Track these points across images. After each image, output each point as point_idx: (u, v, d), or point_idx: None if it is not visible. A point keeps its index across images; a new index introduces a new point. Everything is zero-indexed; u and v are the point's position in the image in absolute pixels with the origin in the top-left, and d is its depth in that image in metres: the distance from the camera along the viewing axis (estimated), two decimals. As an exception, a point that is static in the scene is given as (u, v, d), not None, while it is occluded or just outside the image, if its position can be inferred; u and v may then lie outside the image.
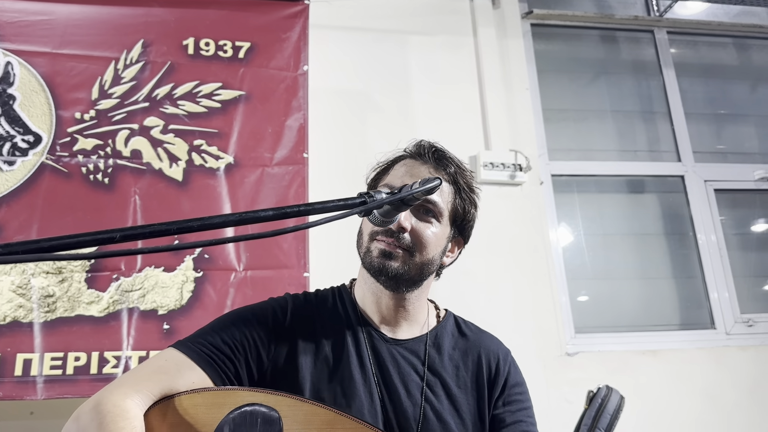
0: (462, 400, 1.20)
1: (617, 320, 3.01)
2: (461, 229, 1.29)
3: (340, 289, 1.31)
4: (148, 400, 1.00)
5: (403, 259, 1.15)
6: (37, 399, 2.13)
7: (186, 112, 2.50)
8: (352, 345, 1.19)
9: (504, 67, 3.11)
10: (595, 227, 3.18)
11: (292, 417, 1.00)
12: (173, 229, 0.57)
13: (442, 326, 1.29)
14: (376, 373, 1.17)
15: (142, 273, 2.31)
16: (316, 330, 1.20)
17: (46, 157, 2.36)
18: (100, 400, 0.98)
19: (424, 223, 1.17)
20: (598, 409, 1.67)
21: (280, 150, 2.53)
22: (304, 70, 2.63)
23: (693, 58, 3.58)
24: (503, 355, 1.29)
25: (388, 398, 1.16)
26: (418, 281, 1.20)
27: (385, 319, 1.23)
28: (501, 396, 1.23)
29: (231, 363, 1.10)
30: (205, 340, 1.11)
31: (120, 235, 0.55)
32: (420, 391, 1.18)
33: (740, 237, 3.27)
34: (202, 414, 1.00)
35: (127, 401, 0.98)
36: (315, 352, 1.17)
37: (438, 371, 1.21)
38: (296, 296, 1.26)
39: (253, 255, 2.41)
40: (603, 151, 3.31)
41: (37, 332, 2.18)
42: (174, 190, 2.42)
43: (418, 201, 0.96)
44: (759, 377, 2.84)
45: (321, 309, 1.24)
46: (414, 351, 1.22)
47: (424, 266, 1.18)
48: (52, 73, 2.44)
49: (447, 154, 1.27)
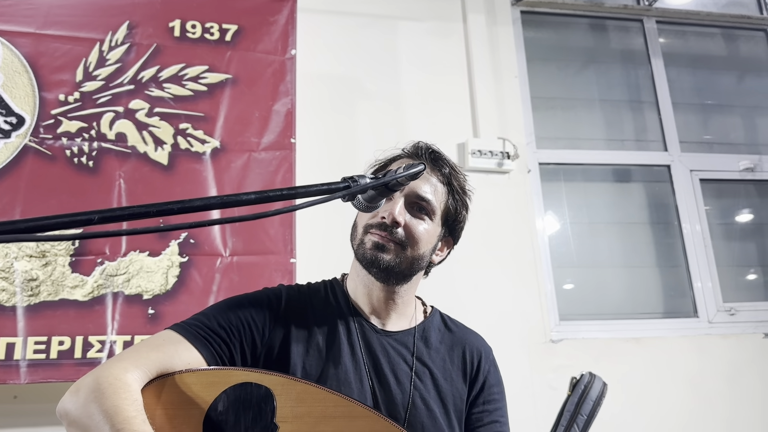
0: (447, 391, 1.25)
1: (602, 308, 3.03)
2: (452, 230, 1.33)
3: (332, 282, 1.35)
4: (146, 377, 1.02)
5: (395, 252, 1.20)
6: (21, 383, 2.12)
7: (172, 96, 2.47)
8: (344, 334, 1.23)
9: (493, 54, 3.10)
10: (581, 216, 3.20)
11: (285, 395, 1.03)
12: (153, 212, 0.56)
13: (429, 321, 1.34)
14: (367, 361, 1.22)
15: (126, 257, 2.30)
16: (309, 319, 1.24)
17: (29, 139, 2.32)
18: (100, 374, 0.99)
19: (417, 219, 1.22)
20: (581, 395, 1.68)
21: (267, 135, 2.51)
22: (291, 54, 2.61)
23: (681, 48, 3.59)
24: (486, 354, 1.34)
25: (379, 386, 1.20)
26: (408, 275, 1.24)
27: (376, 311, 1.27)
28: (481, 394, 1.28)
29: (226, 346, 1.13)
30: (201, 322, 1.14)
31: (98, 216, 0.54)
32: (409, 380, 1.22)
33: (724, 227, 3.30)
34: (197, 392, 1.02)
35: (127, 375, 0.99)
36: (307, 339, 1.21)
37: (426, 362, 1.26)
38: (290, 287, 1.29)
39: (240, 241, 2.40)
40: (590, 140, 3.32)
41: (20, 316, 2.17)
42: (159, 174, 2.40)
43: (403, 186, 0.97)
44: (740, 365, 2.87)
45: (314, 299, 1.28)
46: (403, 342, 1.27)
47: (414, 261, 1.23)
48: (36, 54, 2.40)
49: (443, 156, 1.32)
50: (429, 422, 1.19)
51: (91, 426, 0.94)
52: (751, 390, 2.84)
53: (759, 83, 3.61)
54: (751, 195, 3.39)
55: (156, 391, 1.02)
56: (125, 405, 0.93)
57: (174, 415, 1.01)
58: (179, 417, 1.01)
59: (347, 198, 0.80)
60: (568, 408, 1.65)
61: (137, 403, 0.96)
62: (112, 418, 0.91)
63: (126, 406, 0.93)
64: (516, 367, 2.66)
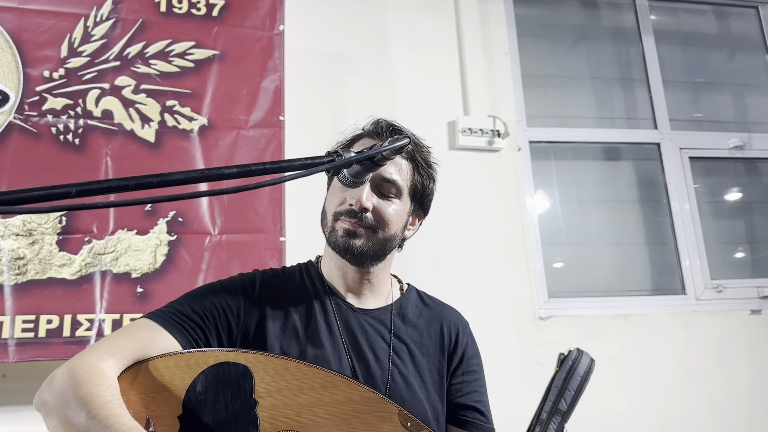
0: (424, 366, 1.27)
1: (590, 285, 3.05)
2: (421, 203, 1.34)
3: (307, 265, 1.36)
4: (122, 364, 1.03)
5: (366, 236, 1.21)
6: (9, 362, 2.11)
7: (158, 72, 2.44)
8: (321, 314, 1.24)
9: (484, 31, 3.08)
10: (571, 194, 3.20)
11: (263, 372, 1.04)
12: (132, 185, 0.55)
13: (406, 298, 1.36)
14: (345, 340, 1.23)
15: (114, 236, 2.28)
16: (285, 302, 1.25)
17: (14, 116, 2.29)
18: (74, 364, 1.00)
19: (385, 201, 1.23)
20: (569, 371, 1.69)
21: (256, 112, 2.49)
22: (280, 30, 2.58)
23: (672, 25, 3.57)
24: (463, 327, 1.36)
25: (358, 363, 1.21)
26: (381, 256, 1.26)
27: (352, 291, 1.29)
28: (460, 366, 1.31)
29: (201, 331, 1.14)
30: (176, 310, 1.15)
31: (76, 189, 0.53)
32: (387, 356, 1.24)
33: (713, 205, 3.32)
34: (175, 375, 1.03)
35: (102, 363, 1.00)
36: (284, 321, 1.22)
37: (403, 338, 1.28)
38: (264, 271, 1.30)
39: (229, 219, 2.39)
40: (581, 118, 3.31)
41: (8, 295, 2.15)
42: (146, 152, 2.37)
43: (389, 160, 0.97)
44: (726, 341, 2.91)
45: (288, 283, 1.29)
46: (380, 320, 1.29)
47: (386, 242, 1.25)
48: (19, 30, 2.36)
49: (404, 132, 1.28)
50: (409, 396, 1.21)
51: (67, 414, 0.93)
52: (737, 366, 2.88)
53: (750, 61, 3.61)
54: (740, 173, 3.40)
55: (132, 377, 1.03)
56: (100, 391, 0.94)
57: (152, 398, 1.01)
58: (157, 401, 1.01)
59: (332, 172, 0.79)
60: (555, 383, 1.66)
61: (112, 388, 0.96)
62: (87, 405, 0.92)
63: (101, 392, 0.94)
64: (505, 343, 2.67)
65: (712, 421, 2.79)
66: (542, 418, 1.62)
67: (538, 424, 1.61)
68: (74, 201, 0.55)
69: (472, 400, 1.30)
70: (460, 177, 2.84)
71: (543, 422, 1.61)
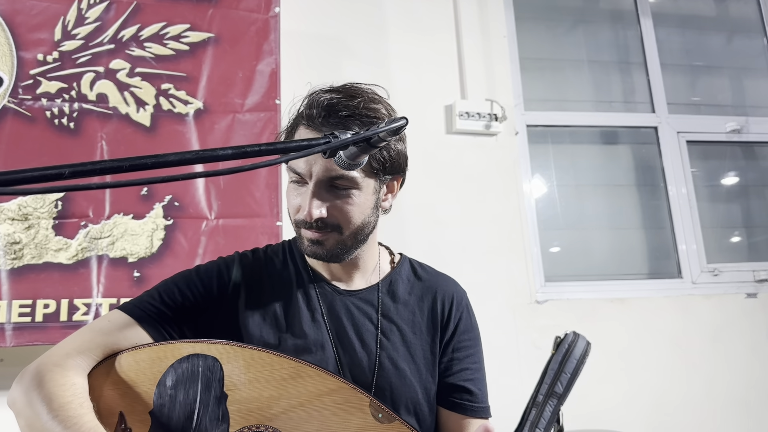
0: (416, 346, 1.19)
1: (587, 269, 3.06)
2: (390, 171, 1.15)
3: (291, 243, 1.26)
4: (91, 360, 1.03)
5: (333, 239, 1.12)
6: (7, 346, 2.11)
7: (153, 55, 2.42)
8: (303, 301, 1.18)
9: (482, 14, 3.06)
10: (568, 178, 3.20)
11: (232, 363, 1.02)
12: (125, 166, 0.55)
13: (397, 272, 1.26)
14: (330, 328, 1.16)
15: (110, 220, 2.27)
16: (265, 287, 1.19)
17: (8, 100, 2.27)
18: (41, 362, 1.00)
19: (341, 199, 1.09)
20: (565, 354, 1.70)
21: (252, 96, 2.47)
22: (275, 12, 2.55)
23: (671, 8, 3.55)
24: (458, 299, 1.26)
25: (342, 351, 1.15)
26: (358, 245, 1.16)
27: (336, 275, 1.22)
28: (451, 342, 1.22)
29: (176, 324, 1.11)
30: (148, 302, 1.11)
31: (69, 171, 0.53)
32: (375, 340, 1.17)
33: (710, 189, 3.32)
34: (145, 369, 1.02)
35: (68, 361, 1.00)
36: (264, 309, 1.16)
37: (392, 318, 1.20)
38: (244, 254, 1.23)
39: (225, 203, 2.38)
40: (578, 101, 3.30)
41: (4, 279, 2.15)
42: (141, 136, 2.36)
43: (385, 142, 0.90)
44: (721, 324, 2.92)
45: (269, 267, 1.22)
46: (368, 300, 1.21)
47: (358, 232, 1.14)
48: (12, 12, 2.33)
49: (337, 105, 1.09)
50: (398, 382, 1.15)
51: (31, 415, 0.95)
52: (732, 349, 2.90)
53: (748, 44, 3.59)
54: (737, 157, 3.40)
55: (105, 371, 1.03)
56: (61, 391, 0.94)
57: (124, 393, 1.02)
58: (129, 395, 1.01)
59: (328, 154, 0.78)
60: (552, 366, 1.67)
61: (75, 387, 0.96)
62: (47, 405, 0.93)
63: (61, 392, 0.94)
64: (501, 327, 2.68)
65: (708, 404, 2.81)
66: (538, 401, 1.63)
67: (534, 406, 1.62)
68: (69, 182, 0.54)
69: (462, 379, 1.21)
70: (457, 161, 2.83)
71: (539, 405, 1.62)
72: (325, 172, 1.07)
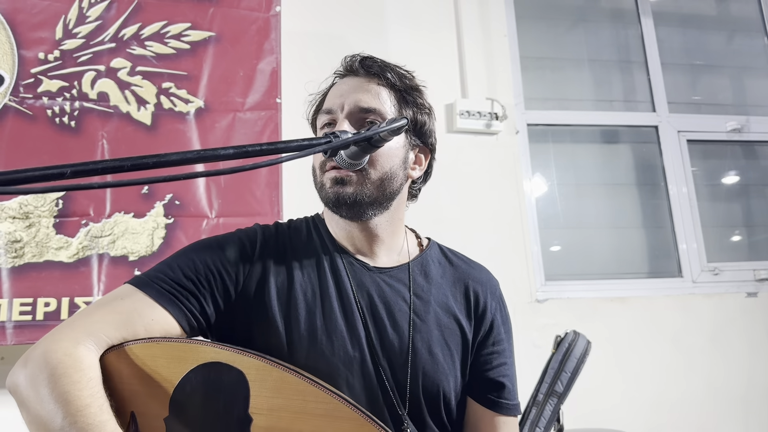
0: (450, 332, 1.12)
1: (587, 268, 3.06)
2: (419, 136, 1.16)
3: (314, 219, 1.21)
4: (104, 344, 0.92)
5: (357, 181, 1.06)
6: (7, 344, 2.11)
7: (154, 54, 2.42)
8: (331, 276, 1.10)
9: (482, 12, 3.06)
10: (569, 177, 3.20)
11: (260, 383, 0.91)
12: (127, 166, 0.55)
13: (427, 254, 1.20)
14: (360, 304, 1.08)
15: (111, 219, 2.28)
16: (289, 261, 1.10)
17: (9, 98, 2.27)
18: (48, 347, 0.89)
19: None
20: (565, 353, 1.71)
21: (252, 95, 2.47)
22: (276, 11, 2.55)
23: (671, 7, 3.55)
24: (492, 290, 1.20)
25: (375, 330, 1.07)
26: (382, 201, 1.10)
27: (361, 251, 1.14)
28: (490, 334, 1.16)
29: (195, 299, 1.01)
30: (165, 275, 1.02)
31: (71, 170, 0.53)
32: (408, 321, 1.09)
33: (710, 188, 3.32)
34: (162, 367, 0.92)
35: (79, 348, 0.89)
36: (289, 285, 1.07)
37: (426, 299, 1.13)
38: (266, 227, 1.16)
39: (226, 202, 2.38)
40: (579, 100, 3.30)
41: (5, 278, 2.15)
42: (142, 134, 2.36)
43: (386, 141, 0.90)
44: (722, 324, 2.92)
45: (294, 239, 1.15)
46: (399, 279, 1.14)
47: (383, 182, 1.08)
48: (13, 11, 2.33)
49: (377, 62, 1.16)
50: (431, 368, 1.07)
51: (43, 414, 0.85)
52: (733, 349, 2.90)
53: (749, 43, 3.59)
54: (738, 156, 3.40)
55: (115, 362, 0.93)
56: (77, 390, 0.85)
57: (136, 391, 0.92)
58: (142, 395, 0.92)
59: (329, 153, 0.78)
60: (552, 365, 1.68)
61: (92, 382, 0.87)
62: (65, 407, 0.83)
63: (78, 391, 0.84)
64: (502, 326, 2.68)
65: (709, 403, 2.82)
66: (539, 400, 1.63)
67: (535, 405, 1.62)
68: (70, 182, 0.55)
69: (500, 374, 1.15)
70: (457, 160, 2.83)
71: (539, 404, 1.62)
72: (357, 102, 1.08)
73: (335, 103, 1.11)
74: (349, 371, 1.03)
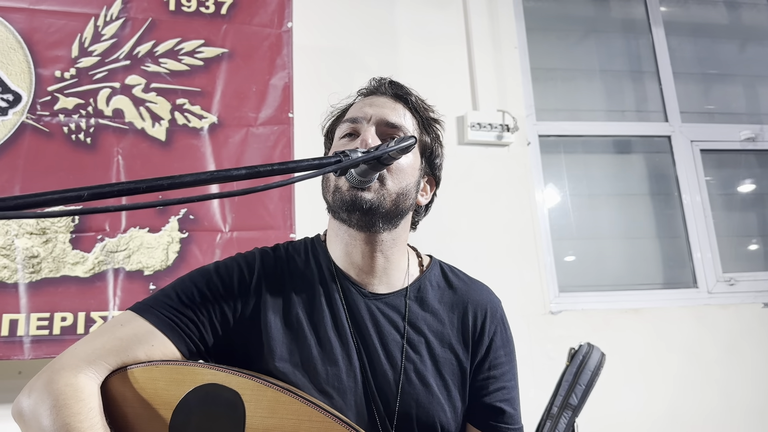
0: (445, 360, 1.11)
1: (601, 279, 3.04)
2: (431, 166, 1.20)
3: (314, 241, 1.21)
4: (104, 371, 0.96)
5: (375, 188, 1.05)
6: (25, 359, 2.14)
7: (168, 71, 2.46)
8: (326, 303, 1.10)
9: (493, 25, 3.07)
10: (581, 188, 3.19)
11: (255, 403, 0.94)
12: (142, 188, 0.56)
13: (426, 277, 1.18)
14: (354, 333, 1.09)
15: (126, 234, 2.30)
16: (286, 288, 1.11)
17: (26, 116, 2.31)
18: (51, 377, 0.93)
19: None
20: (580, 365, 1.69)
21: (265, 109, 2.50)
22: (288, 27, 2.59)
23: (683, 17, 3.55)
24: (492, 311, 1.19)
25: (367, 360, 1.07)
26: (393, 217, 1.10)
27: (362, 271, 1.13)
28: (486, 358, 1.15)
29: (194, 325, 1.04)
30: (165, 302, 1.04)
31: (88, 193, 0.54)
32: (401, 350, 1.09)
33: (725, 197, 3.30)
34: (160, 390, 0.96)
35: (80, 378, 0.93)
36: (286, 312, 1.09)
37: (420, 328, 1.12)
38: (265, 252, 1.16)
39: (239, 216, 2.40)
40: (590, 111, 3.30)
41: (23, 293, 2.18)
42: (157, 150, 2.39)
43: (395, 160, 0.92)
44: (738, 335, 2.89)
45: (291, 265, 1.15)
46: (394, 306, 1.13)
47: (399, 196, 1.08)
48: (30, 30, 2.38)
49: (404, 87, 1.20)
50: (425, 399, 1.07)
51: None
52: (749, 360, 2.87)
53: (761, 52, 3.57)
54: (752, 165, 3.37)
55: (119, 385, 0.96)
56: (78, 423, 0.88)
57: (137, 414, 0.95)
58: (143, 418, 0.95)
59: (339, 172, 0.79)
60: (566, 378, 1.66)
61: (92, 412, 0.90)
62: None
63: (78, 423, 0.88)
64: (515, 338, 2.66)
65: (725, 415, 2.78)
66: (553, 413, 1.62)
67: (549, 418, 1.61)
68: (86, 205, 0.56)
69: (499, 399, 1.13)
70: (469, 172, 2.84)
71: (554, 417, 1.62)
72: (385, 116, 1.12)
73: (362, 113, 1.14)
74: (344, 400, 1.05)
